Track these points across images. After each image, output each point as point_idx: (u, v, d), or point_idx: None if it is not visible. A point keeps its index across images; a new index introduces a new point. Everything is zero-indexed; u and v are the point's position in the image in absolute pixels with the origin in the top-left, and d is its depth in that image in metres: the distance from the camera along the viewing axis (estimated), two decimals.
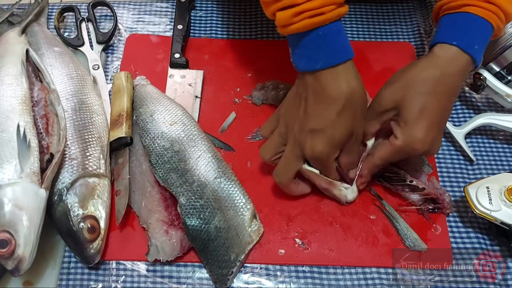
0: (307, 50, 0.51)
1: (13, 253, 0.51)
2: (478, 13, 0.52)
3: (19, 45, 0.68)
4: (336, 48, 0.51)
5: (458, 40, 0.52)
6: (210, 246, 0.56)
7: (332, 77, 0.51)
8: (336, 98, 0.51)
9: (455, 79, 0.53)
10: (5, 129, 0.57)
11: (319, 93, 0.52)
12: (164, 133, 0.63)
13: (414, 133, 0.52)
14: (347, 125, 0.53)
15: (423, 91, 0.52)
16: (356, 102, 0.52)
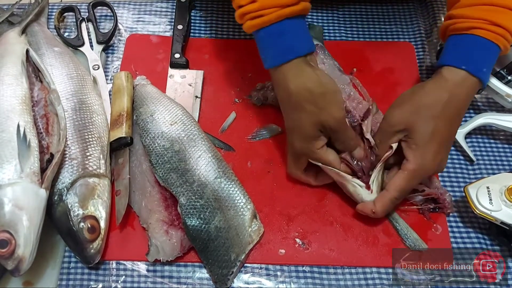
0: (259, 50, 0.57)
1: (13, 253, 0.51)
2: (486, 36, 0.53)
3: (19, 45, 0.68)
4: (277, 49, 0.54)
5: (466, 64, 0.53)
6: (210, 246, 0.56)
7: (279, 76, 0.56)
8: (288, 97, 0.56)
9: (463, 102, 0.55)
10: (5, 129, 0.57)
11: (277, 93, 0.58)
12: (164, 133, 0.63)
13: (425, 156, 0.54)
14: (309, 120, 0.55)
15: (433, 115, 0.54)
16: (309, 97, 0.54)
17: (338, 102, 0.55)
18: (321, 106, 0.54)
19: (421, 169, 0.55)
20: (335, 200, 0.62)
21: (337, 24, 0.80)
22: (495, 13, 0.52)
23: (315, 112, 0.54)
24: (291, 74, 0.54)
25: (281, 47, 0.54)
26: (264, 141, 0.67)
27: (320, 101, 0.54)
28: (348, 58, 0.75)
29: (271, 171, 0.65)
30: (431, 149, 0.54)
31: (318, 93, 0.54)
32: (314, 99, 0.54)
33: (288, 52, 0.54)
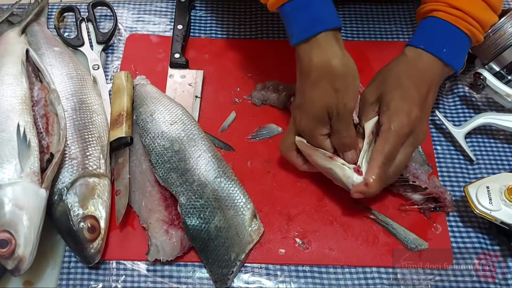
0: (286, 26, 0.55)
1: (13, 253, 0.51)
2: (444, 17, 0.55)
3: (19, 45, 0.68)
4: (304, 22, 0.53)
5: (424, 44, 0.55)
6: (210, 246, 0.56)
7: (304, 51, 0.53)
8: (308, 72, 0.54)
9: (425, 74, 0.55)
10: (5, 129, 0.57)
11: (298, 68, 0.55)
12: (164, 133, 0.63)
13: (397, 114, 0.54)
14: (322, 100, 0.53)
15: (397, 82, 0.55)
16: (329, 75, 0.52)
17: (354, 91, 0.54)
18: (337, 88, 0.52)
19: (397, 127, 0.54)
20: (335, 200, 0.62)
21: None
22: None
23: (329, 93, 0.53)
24: (317, 47, 0.52)
25: (308, 20, 0.53)
26: (264, 141, 0.67)
27: (338, 82, 0.52)
28: None
29: (271, 171, 0.65)
30: (402, 108, 0.54)
31: (339, 73, 0.52)
32: (333, 78, 0.52)
33: (315, 25, 0.52)
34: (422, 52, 0.55)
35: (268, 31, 0.79)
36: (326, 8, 0.53)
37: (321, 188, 0.63)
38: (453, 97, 0.72)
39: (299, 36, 0.53)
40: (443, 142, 0.68)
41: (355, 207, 0.62)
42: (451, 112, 0.71)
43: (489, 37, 0.63)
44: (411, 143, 0.55)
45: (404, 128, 0.54)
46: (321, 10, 0.53)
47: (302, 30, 0.53)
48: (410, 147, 0.56)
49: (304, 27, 0.53)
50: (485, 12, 0.54)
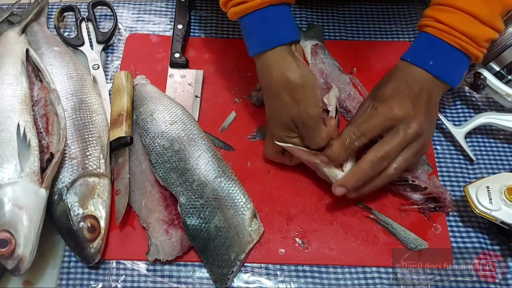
0: (244, 37, 0.57)
1: (13, 252, 0.51)
2: (431, 32, 0.56)
3: (19, 45, 0.68)
4: (260, 36, 0.55)
5: (411, 57, 0.57)
6: (210, 246, 0.56)
7: (262, 64, 0.56)
8: (269, 86, 0.56)
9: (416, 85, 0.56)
10: (5, 129, 0.57)
11: (260, 81, 0.58)
12: (164, 133, 0.63)
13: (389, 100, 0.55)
14: (285, 112, 0.56)
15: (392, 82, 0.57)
16: (288, 88, 0.55)
17: (315, 98, 0.55)
18: (297, 99, 0.55)
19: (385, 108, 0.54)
20: (335, 200, 0.62)
21: (337, 23, 0.80)
22: (441, 11, 0.56)
23: (291, 105, 0.55)
24: (274, 62, 0.55)
25: (264, 34, 0.55)
26: (264, 141, 0.67)
27: (297, 94, 0.55)
28: (348, 58, 0.75)
29: (271, 171, 0.65)
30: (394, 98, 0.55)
31: (297, 85, 0.54)
32: (292, 90, 0.54)
33: (271, 40, 0.55)
34: (410, 65, 0.57)
35: None
36: (282, 23, 0.55)
37: (321, 188, 0.63)
38: (453, 97, 0.72)
39: (255, 50, 0.56)
40: (443, 142, 0.68)
41: (355, 207, 0.62)
42: (451, 112, 0.71)
43: None
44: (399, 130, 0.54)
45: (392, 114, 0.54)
46: (277, 25, 0.55)
47: (258, 44, 0.56)
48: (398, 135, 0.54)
49: (260, 41, 0.55)
50: (474, 26, 0.55)
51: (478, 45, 0.56)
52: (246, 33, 0.57)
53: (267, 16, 0.54)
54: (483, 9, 0.54)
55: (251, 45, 0.57)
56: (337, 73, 0.72)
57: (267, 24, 0.55)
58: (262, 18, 0.55)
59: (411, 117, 0.54)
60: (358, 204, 0.62)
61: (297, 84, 0.54)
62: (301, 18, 0.80)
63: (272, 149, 0.62)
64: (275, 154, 0.63)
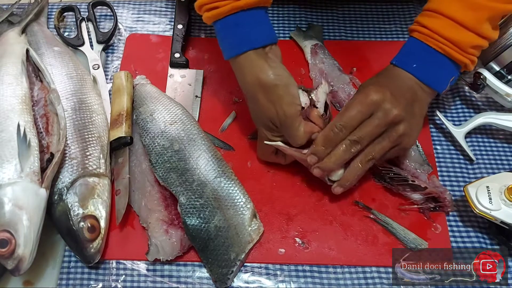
0: (218, 41, 0.58)
1: (13, 252, 0.51)
2: (417, 36, 0.58)
3: (19, 45, 0.68)
4: (233, 40, 0.56)
5: (396, 60, 0.59)
6: (210, 246, 0.56)
7: (236, 67, 0.58)
8: (245, 89, 0.58)
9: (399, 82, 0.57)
10: (5, 129, 0.57)
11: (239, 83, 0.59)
12: (164, 133, 0.63)
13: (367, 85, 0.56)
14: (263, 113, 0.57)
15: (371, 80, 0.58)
16: (261, 90, 0.56)
17: (290, 97, 0.56)
18: (272, 99, 0.56)
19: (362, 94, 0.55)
20: (334, 200, 0.62)
21: (337, 23, 0.80)
22: (427, 17, 0.57)
23: (267, 106, 0.56)
24: (246, 65, 0.56)
25: (236, 39, 0.56)
26: None
27: (271, 94, 0.55)
28: (348, 58, 0.75)
29: (271, 171, 0.65)
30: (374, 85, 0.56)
31: (270, 86, 0.55)
32: (265, 91, 0.56)
33: (242, 44, 0.56)
34: (396, 67, 0.58)
35: None
36: (254, 27, 0.56)
37: (321, 188, 0.63)
38: (453, 97, 0.72)
39: (229, 54, 0.57)
40: (443, 142, 0.68)
41: (355, 207, 0.62)
42: (451, 111, 0.71)
43: None
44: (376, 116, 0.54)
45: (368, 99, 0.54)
46: (249, 29, 0.56)
47: (231, 48, 0.57)
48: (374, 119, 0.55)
49: (232, 45, 0.57)
50: (457, 32, 0.55)
51: (462, 51, 0.56)
52: (220, 37, 0.58)
53: (239, 21, 0.55)
54: (468, 15, 0.55)
55: (225, 49, 0.58)
56: (337, 73, 0.72)
57: (239, 29, 0.56)
58: (234, 23, 0.55)
59: (389, 102, 0.54)
60: (358, 203, 0.62)
61: (270, 84, 0.55)
62: (301, 18, 0.80)
63: (264, 150, 0.63)
64: (268, 154, 0.63)
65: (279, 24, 0.79)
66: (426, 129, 0.69)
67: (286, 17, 0.80)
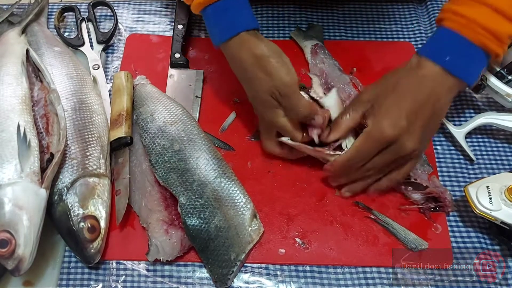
0: (208, 27, 0.60)
1: (13, 253, 0.51)
2: (449, 25, 0.54)
3: (19, 45, 0.68)
4: (225, 23, 0.58)
5: (426, 52, 0.55)
6: (210, 246, 0.56)
7: (231, 51, 0.58)
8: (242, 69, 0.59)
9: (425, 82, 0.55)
10: (5, 129, 0.57)
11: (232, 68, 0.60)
12: (164, 133, 0.63)
13: (382, 121, 0.55)
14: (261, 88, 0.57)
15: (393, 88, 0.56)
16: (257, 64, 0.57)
17: (286, 67, 0.57)
18: (269, 71, 0.56)
19: (377, 131, 0.55)
20: (335, 200, 0.62)
21: (337, 23, 0.80)
22: (461, 5, 0.54)
23: (265, 79, 0.57)
24: (240, 45, 0.57)
25: (228, 22, 0.58)
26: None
27: (268, 66, 0.56)
28: (348, 58, 0.75)
29: (271, 171, 0.65)
30: (389, 114, 0.55)
31: (264, 57, 0.56)
32: (262, 64, 0.56)
33: (235, 26, 0.57)
34: (424, 59, 0.55)
35: (268, 31, 0.79)
36: (244, 9, 0.58)
37: (321, 188, 0.63)
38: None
39: (222, 37, 0.58)
40: (443, 142, 0.68)
41: (355, 207, 0.62)
42: (451, 112, 0.71)
43: None
44: (392, 150, 0.55)
45: (385, 136, 0.54)
46: (240, 12, 0.58)
47: (224, 32, 0.58)
48: (389, 154, 0.56)
49: (225, 28, 0.58)
50: (497, 22, 0.52)
51: (499, 41, 0.53)
52: (210, 23, 0.59)
53: (228, 5, 0.57)
54: (506, 2, 0.51)
55: (216, 34, 0.59)
56: (337, 73, 0.72)
57: (230, 12, 0.57)
58: (224, 8, 0.57)
59: (405, 136, 0.54)
60: (358, 204, 0.62)
61: (264, 55, 0.56)
62: (301, 18, 0.80)
63: (270, 144, 0.63)
64: (274, 148, 0.63)
65: (279, 24, 0.79)
66: None
67: (286, 17, 0.80)
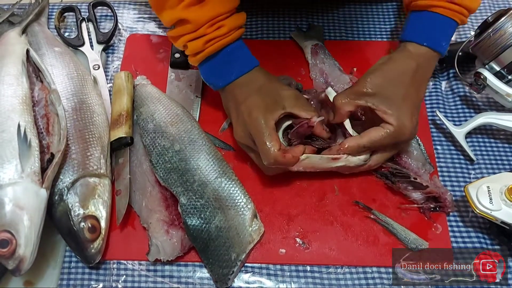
0: (221, 67, 0.60)
1: (14, 253, 0.51)
2: (444, 13, 0.58)
3: (20, 45, 0.68)
4: (245, 58, 0.60)
5: (428, 41, 0.59)
6: (210, 246, 0.56)
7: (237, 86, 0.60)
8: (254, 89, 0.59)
9: (427, 71, 0.61)
10: (5, 129, 0.57)
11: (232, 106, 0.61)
12: (165, 133, 0.63)
13: (403, 118, 0.56)
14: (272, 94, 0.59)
15: (403, 82, 0.58)
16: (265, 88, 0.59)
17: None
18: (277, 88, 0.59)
19: (399, 131, 0.56)
20: (335, 200, 0.62)
21: (337, 23, 0.80)
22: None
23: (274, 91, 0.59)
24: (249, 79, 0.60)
25: (247, 56, 0.60)
26: None
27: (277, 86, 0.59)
28: (348, 58, 0.75)
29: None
30: (407, 111, 0.57)
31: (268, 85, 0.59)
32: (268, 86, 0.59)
33: (252, 60, 0.60)
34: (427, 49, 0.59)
35: (269, 31, 0.79)
36: (247, 52, 0.61)
37: (321, 188, 0.63)
38: (453, 97, 0.72)
39: (240, 71, 0.59)
40: (443, 142, 0.68)
41: (355, 207, 0.62)
42: (452, 112, 0.71)
43: (489, 37, 0.63)
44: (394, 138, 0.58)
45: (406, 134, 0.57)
46: (242, 56, 0.60)
47: (243, 65, 0.60)
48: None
49: (244, 62, 0.60)
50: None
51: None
52: (228, 59, 0.59)
53: (242, 44, 0.60)
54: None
55: (234, 69, 0.59)
56: (337, 73, 0.72)
57: (245, 49, 0.60)
58: (240, 45, 0.60)
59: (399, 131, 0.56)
60: (358, 204, 0.62)
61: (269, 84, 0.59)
62: (301, 18, 0.80)
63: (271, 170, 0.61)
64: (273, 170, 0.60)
65: (279, 24, 0.79)
66: (427, 129, 0.69)
67: (287, 17, 0.80)
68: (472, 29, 0.77)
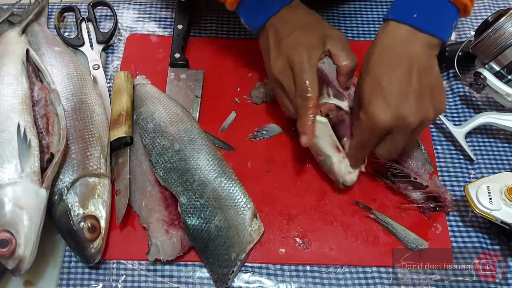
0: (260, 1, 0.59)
1: (14, 252, 0.51)
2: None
3: (19, 45, 0.68)
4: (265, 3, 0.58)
5: (394, 15, 0.55)
6: (210, 246, 0.56)
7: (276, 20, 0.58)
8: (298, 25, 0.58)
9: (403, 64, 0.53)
10: (5, 129, 0.57)
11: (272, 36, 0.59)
12: (165, 133, 0.63)
13: (370, 111, 0.53)
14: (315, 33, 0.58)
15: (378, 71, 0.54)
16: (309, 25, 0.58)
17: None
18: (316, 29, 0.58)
19: (369, 122, 0.54)
20: (335, 200, 0.62)
21: (337, 23, 0.80)
22: None
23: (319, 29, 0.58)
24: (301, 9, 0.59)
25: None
26: (264, 141, 0.68)
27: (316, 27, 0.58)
28: None
29: (271, 171, 0.65)
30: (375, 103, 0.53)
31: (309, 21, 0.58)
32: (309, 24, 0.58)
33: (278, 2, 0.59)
34: (391, 23, 0.55)
35: None
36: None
37: (321, 188, 0.63)
38: (453, 97, 0.72)
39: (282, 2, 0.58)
40: (443, 141, 0.68)
41: (355, 207, 0.62)
42: (451, 111, 0.71)
43: (489, 37, 0.63)
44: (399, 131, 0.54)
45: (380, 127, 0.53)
46: None
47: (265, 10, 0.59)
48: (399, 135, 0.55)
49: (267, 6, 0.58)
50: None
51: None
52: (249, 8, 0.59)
53: None
54: None
55: (276, 2, 0.58)
56: None
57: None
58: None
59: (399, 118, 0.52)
60: (358, 204, 0.62)
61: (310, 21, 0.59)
62: None
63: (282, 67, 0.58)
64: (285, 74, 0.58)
65: None
66: (426, 129, 0.69)
67: None
68: (472, 29, 0.77)
